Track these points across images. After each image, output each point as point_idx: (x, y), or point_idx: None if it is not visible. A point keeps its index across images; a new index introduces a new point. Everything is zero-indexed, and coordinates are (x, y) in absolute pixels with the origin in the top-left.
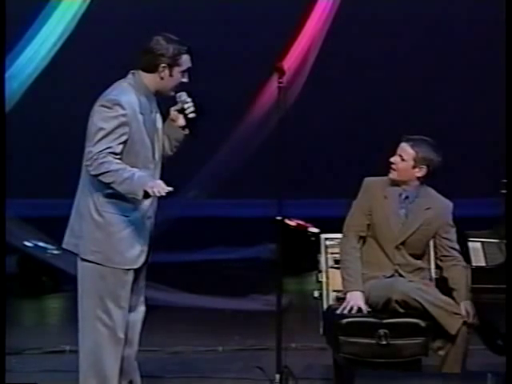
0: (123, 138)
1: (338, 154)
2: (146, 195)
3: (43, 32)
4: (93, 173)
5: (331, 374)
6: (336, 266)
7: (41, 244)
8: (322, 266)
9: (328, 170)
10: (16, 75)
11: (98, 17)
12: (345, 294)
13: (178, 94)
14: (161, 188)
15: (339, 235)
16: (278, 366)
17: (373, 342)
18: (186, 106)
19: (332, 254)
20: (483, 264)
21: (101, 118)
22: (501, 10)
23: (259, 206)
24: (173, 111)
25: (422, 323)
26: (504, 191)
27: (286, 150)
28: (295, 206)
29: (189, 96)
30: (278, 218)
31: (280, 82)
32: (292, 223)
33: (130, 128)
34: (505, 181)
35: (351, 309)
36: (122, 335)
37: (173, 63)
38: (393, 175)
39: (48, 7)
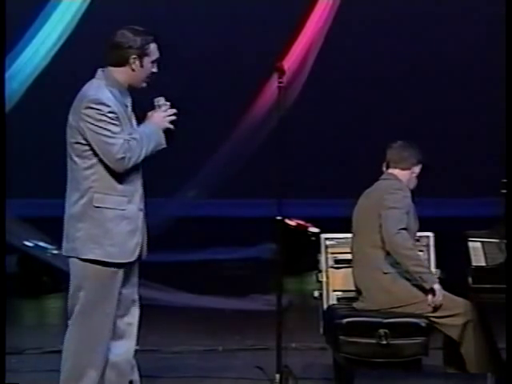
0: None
1: (337, 154)
2: (166, 137)
3: (43, 32)
4: (127, 167)
5: (331, 374)
6: (336, 265)
7: (41, 244)
8: (322, 265)
9: (328, 170)
10: (16, 75)
11: (97, 17)
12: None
13: (157, 99)
14: (167, 116)
15: (339, 235)
16: (277, 366)
17: (373, 341)
18: (163, 109)
19: (332, 253)
20: (483, 264)
21: (94, 120)
22: (501, 10)
23: (259, 206)
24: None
25: (422, 323)
26: (504, 191)
27: (286, 150)
28: (295, 206)
29: (166, 100)
30: (278, 218)
31: (280, 82)
32: (292, 223)
33: (119, 122)
34: (505, 181)
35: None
36: (111, 329)
37: (142, 54)
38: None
39: (48, 7)
